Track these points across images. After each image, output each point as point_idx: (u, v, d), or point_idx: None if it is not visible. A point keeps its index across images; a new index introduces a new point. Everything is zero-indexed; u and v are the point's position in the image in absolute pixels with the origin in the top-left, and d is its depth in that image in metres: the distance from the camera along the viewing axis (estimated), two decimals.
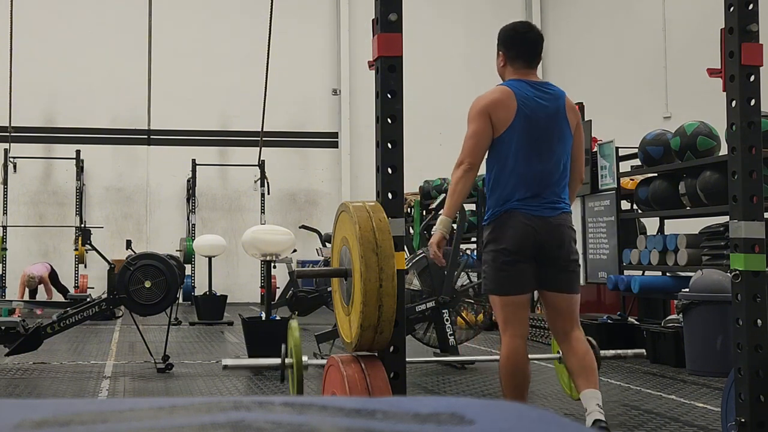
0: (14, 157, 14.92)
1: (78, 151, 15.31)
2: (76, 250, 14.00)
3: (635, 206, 9.29)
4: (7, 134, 13.96)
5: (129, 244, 8.07)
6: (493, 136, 3.93)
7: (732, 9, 3.57)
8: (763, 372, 3.50)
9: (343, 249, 3.17)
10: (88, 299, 7.80)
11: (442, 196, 9.99)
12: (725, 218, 7.04)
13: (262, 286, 14.99)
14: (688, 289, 6.93)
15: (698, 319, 6.73)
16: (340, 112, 17.21)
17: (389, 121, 3.18)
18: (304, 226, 12.43)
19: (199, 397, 0.74)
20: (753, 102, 3.58)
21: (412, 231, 11.61)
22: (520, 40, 4.08)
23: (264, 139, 14.41)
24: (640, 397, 5.79)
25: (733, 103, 3.59)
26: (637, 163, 9.02)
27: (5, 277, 14.48)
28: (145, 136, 16.68)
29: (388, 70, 3.16)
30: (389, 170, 3.18)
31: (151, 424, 0.60)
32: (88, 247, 8.62)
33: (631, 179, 9.31)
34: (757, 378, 3.50)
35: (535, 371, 4.03)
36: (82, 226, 13.67)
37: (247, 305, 14.95)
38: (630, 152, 9.09)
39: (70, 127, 16.29)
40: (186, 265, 13.07)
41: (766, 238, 3.62)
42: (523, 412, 0.67)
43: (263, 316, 7.76)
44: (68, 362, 7.61)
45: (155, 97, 16.67)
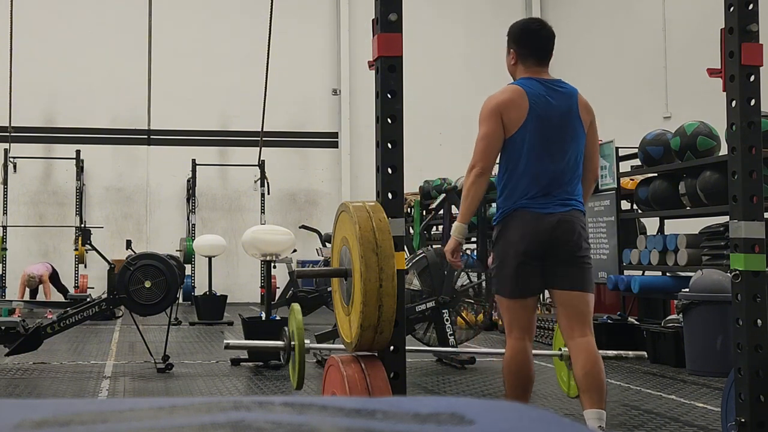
0: (14, 157, 14.92)
1: (78, 151, 15.31)
2: (76, 250, 14.00)
3: (635, 206, 9.29)
4: (7, 134, 13.96)
5: (129, 244, 8.07)
6: (505, 136, 3.84)
7: (732, 9, 3.57)
8: (763, 372, 3.50)
9: (343, 249, 3.17)
10: (88, 299, 7.80)
11: (442, 196, 10.01)
12: (725, 218, 7.04)
13: (262, 286, 14.97)
14: (688, 289, 6.93)
15: (698, 319, 6.73)
16: (340, 112, 17.21)
17: (389, 121, 3.17)
18: (304, 226, 12.44)
19: (199, 397, 0.74)
20: (753, 102, 3.58)
21: (412, 231, 11.63)
22: (533, 38, 3.97)
23: (264, 139, 14.41)
24: (640, 397, 5.79)
25: (733, 103, 3.59)
26: (637, 163, 9.02)
27: (5, 277, 14.48)
28: (145, 136, 16.68)
29: (388, 70, 3.16)
30: (389, 170, 3.18)
31: (151, 424, 0.60)
32: (88, 247, 8.62)
33: (631, 179, 9.31)
34: (757, 378, 3.50)
35: (536, 371, 4.02)
36: (82, 226, 13.67)
37: (247, 305, 14.95)
38: (630, 152, 9.09)
39: (70, 127, 16.28)
40: (186, 265, 13.07)
41: (766, 238, 3.62)
42: (523, 412, 0.67)
43: (263, 316, 7.77)
44: (68, 362, 7.60)
45: (155, 97, 16.66)
